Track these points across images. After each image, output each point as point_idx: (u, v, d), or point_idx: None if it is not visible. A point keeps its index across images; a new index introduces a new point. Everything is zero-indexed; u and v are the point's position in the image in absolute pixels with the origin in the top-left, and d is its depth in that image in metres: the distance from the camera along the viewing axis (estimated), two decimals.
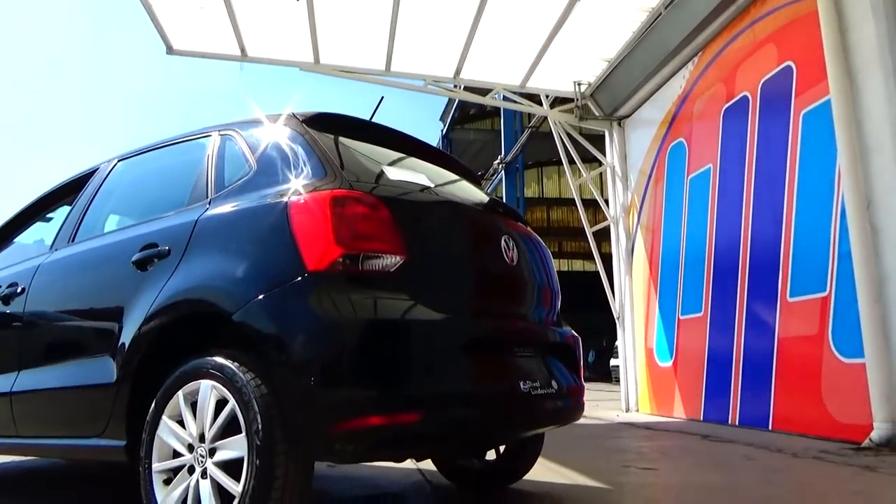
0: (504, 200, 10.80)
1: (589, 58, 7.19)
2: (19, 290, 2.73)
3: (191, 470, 1.86)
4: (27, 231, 3.33)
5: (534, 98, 8.27)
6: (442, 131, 23.36)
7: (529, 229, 2.72)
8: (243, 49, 6.78)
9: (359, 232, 1.89)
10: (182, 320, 2.05)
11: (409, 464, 3.46)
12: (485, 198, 2.77)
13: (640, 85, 7.02)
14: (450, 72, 7.28)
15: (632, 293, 7.44)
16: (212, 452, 1.83)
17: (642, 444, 4.51)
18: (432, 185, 2.38)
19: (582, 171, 8.09)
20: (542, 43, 6.66)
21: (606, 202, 7.87)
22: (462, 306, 2.12)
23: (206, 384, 1.87)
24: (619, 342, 7.70)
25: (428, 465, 3.28)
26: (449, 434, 1.94)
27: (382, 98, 2.92)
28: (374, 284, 1.87)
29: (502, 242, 2.34)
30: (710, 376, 5.76)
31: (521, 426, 2.31)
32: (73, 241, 2.75)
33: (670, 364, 6.48)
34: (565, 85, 7.70)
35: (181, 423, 1.93)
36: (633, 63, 6.89)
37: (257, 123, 2.41)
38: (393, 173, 2.27)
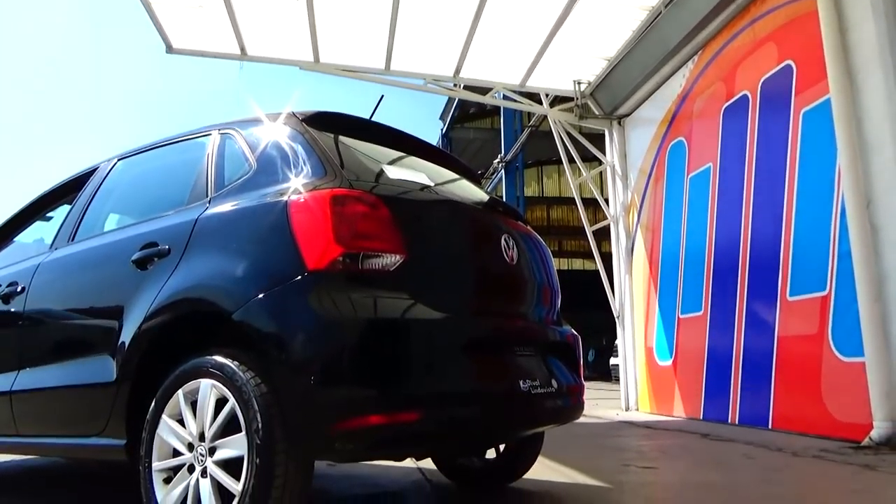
0: (504, 199, 10.80)
1: (589, 56, 7.19)
2: (19, 289, 2.73)
3: (191, 469, 1.86)
4: (27, 230, 3.33)
5: (534, 97, 8.27)
6: (442, 130, 23.35)
7: (529, 228, 2.72)
8: (243, 48, 6.77)
9: (359, 231, 1.89)
10: (182, 319, 2.05)
11: (409, 463, 3.46)
12: (485, 197, 2.77)
13: (640, 84, 7.02)
14: (450, 71, 7.27)
15: (632, 292, 7.44)
16: (212, 451, 1.83)
17: (642, 443, 4.51)
18: (432, 184, 2.38)
19: (582, 170, 8.09)
20: (542, 42, 6.66)
21: (606, 201, 7.88)
22: (462, 305, 2.12)
23: (206, 383, 1.87)
24: (619, 341, 7.70)
25: (428, 464, 3.28)
26: (449, 433, 1.94)
27: (382, 97, 2.92)
28: (374, 283, 1.87)
29: (502, 241, 2.34)
30: (710, 375, 5.76)
31: (521, 425, 2.31)
32: (73, 240, 2.75)
33: (670, 363, 6.49)
34: (565, 84, 7.70)
35: (181, 422, 1.93)
36: (633, 62, 6.88)
37: (257, 122, 2.41)
38: (393, 172, 2.27)
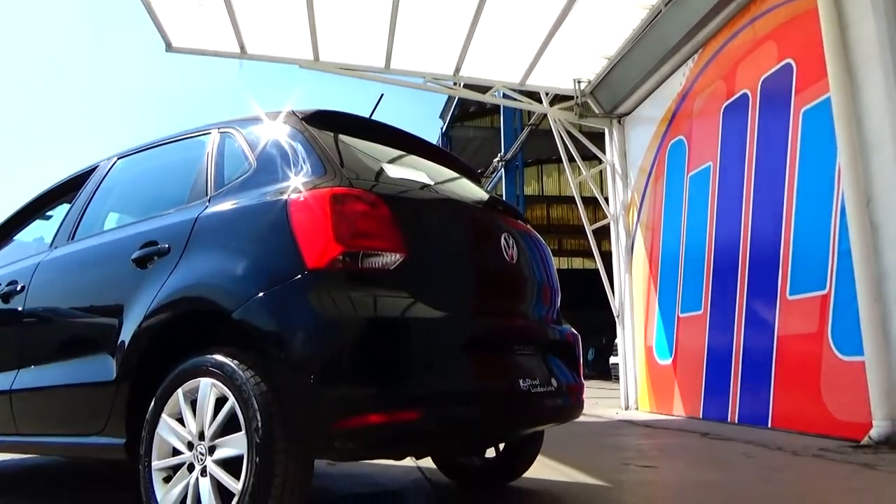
0: (504, 198, 10.79)
1: (589, 55, 7.18)
2: (19, 288, 2.73)
3: (190, 468, 1.86)
4: (27, 229, 3.33)
5: (533, 95, 8.27)
6: (442, 129, 23.33)
7: (529, 227, 2.72)
8: (242, 46, 6.77)
9: (358, 229, 1.89)
10: (182, 318, 2.05)
11: (409, 461, 3.46)
12: (485, 195, 2.76)
13: (640, 82, 7.01)
14: (449, 69, 7.27)
15: (631, 291, 7.44)
16: (211, 450, 1.83)
17: (642, 442, 4.51)
18: (432, 183, 2.37)
19: (582, 169, 8.08)
20: (542, 40, 6.66)
21: (606, 200, 7.87)
22: (462, 304, 2.12)
23: (206, 382, 1.87)
24: (619, 340, 7.71)
25: (428, 463, 3.28)
26: (449, 432, 1.94)
27: (382, 95, 2.91)
28: (374, 282, 1.87)
29: (502, 240, 2.34)
30: (710, 374, 5.76)
31: (521, 424, 2.31)
32: (73, 239, 2.75)
33: (670, 362, 6.49)
34: (565, 82, 7.70)
35: (181, 421, 1.93)
36: (633, 60, 6.88)
37: (257, 121, 2.41)
38: (393, 171, 2.26)
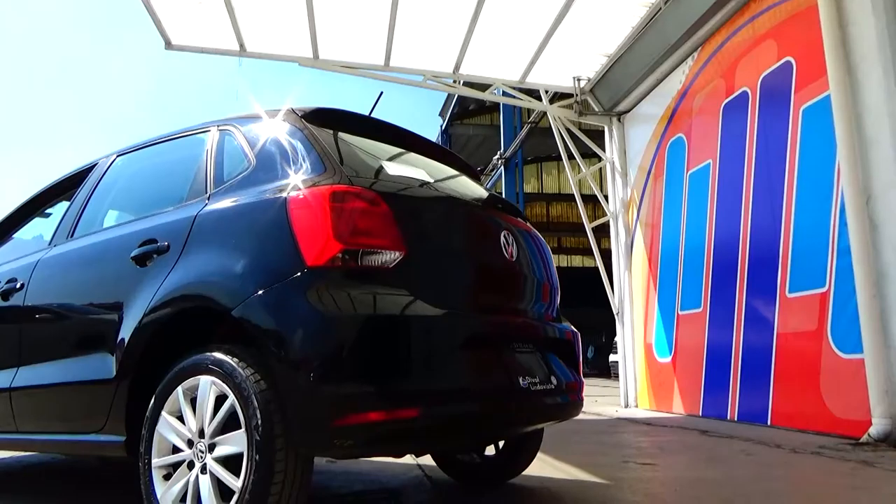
0: (503, 196, 10.77)
1: (588, 53, 7.17)
2: (18, 286, 2.73)
3: (190, 465, 1.87)
4: (26, 226, 3.33)
5: (533, 93, 8.26)
6: (441, 126, 23.29)
7: (529, 225, 2.72)
8: (242, 44, 6.76)
9: (358, 227, 1.89)
10: (181, 316, 2.05)
11: (409, 459, 3.46)
12: (484, 193, 2.76)
13: (640, 80, 7.01)
14: (449, 67, 7.26)
15: (631, 289, 7.45)
16: (211, 448, 1.83)
17: (641, 440, 4.52)
18: (432, 181, 2.37)
19: (581, 167, 8.08)
20: (542, 38, 6.65)
21: (606, 198, 7.87)
22: (461, 302, 2.12)
23: (206, 380, 1.87)
24: (619, 338, 7.71)
25: (427, 461, 3.29)
26: (448, 430, 1.94)
27: (381, 93, 2.90)
28: (374, 280, 1.87)
29: (502, 238, 2.34)
30: (710, 372, 5.76)
31: (520, 422, 2.31)
32: (72, 237, 2.75)
33: (669, 360, 6.49)
34: (565, 80, 7.69)
35: (181, 419, 1.93)
36: (633, 58, 6.87)
37: (256, 119, 2.41)
38: (392, 169, 2.26)
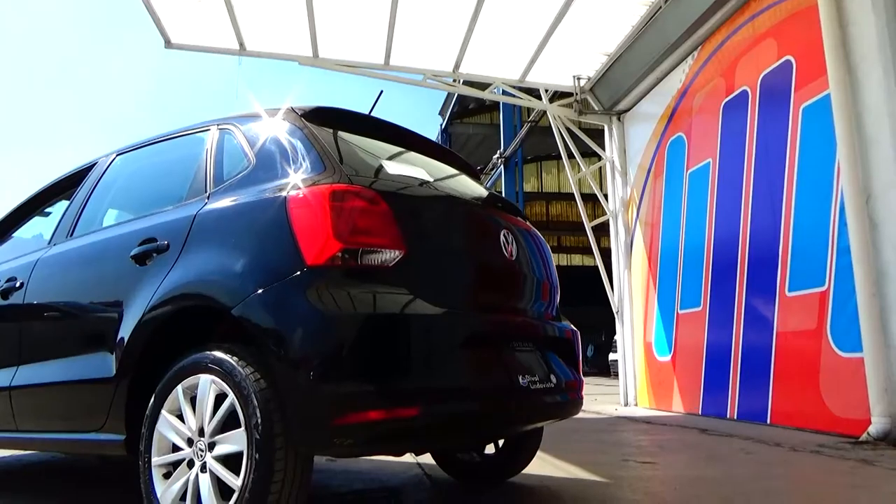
0: (503, 195, 10.79)
1: (588, 52, 7.17)
2: (18, 285, 2.73)
3: (190, 464, 1.87)
4: (26, 226, 3.33)
5: (533, 92, 8.26)
6: (441, 125, 23.29)
7: (529, 224, 2.72)
8: (242, 43, 6.76)
9: (358, 226, 1.89)
10: (181, 314, 2.05)
11: (409, 458, 3.46)
12: (484, 192, 2.76)
13: (640, 79, 7.01)
14: (449, 66, 7.26)
15: (631, 288, 7.45)
16: (211, 446, 1.83)
17: (641, 438, 4.52)
18: (431, 180, 2.37)
19: (581, 166, 8.08)
20: (542, 37, 6.65)
21: (605, 197, 7.87)
22: (461, 301, 2.12)
23: (206, 378, 1.87)
24: (618, 336, 7.71)
25: (427, 459, 3.29)
26: (448, 428, 1.94)
27: (381, 92, 2.90)
28: (373, 279, 1.88)
29: (501, 237, 2.34)
30: (709, 370, 5.77)
31: (520, 420, 2.31)
32: (72, 236, 2.75)
33: (669, 358, 6.50)
34: (564, 79, 7.69)
35: (180, 418, 1.93)
36: (633, 57, 6.87)
37: (256, 118, 2.41)
38: (392, 168, 2.26)
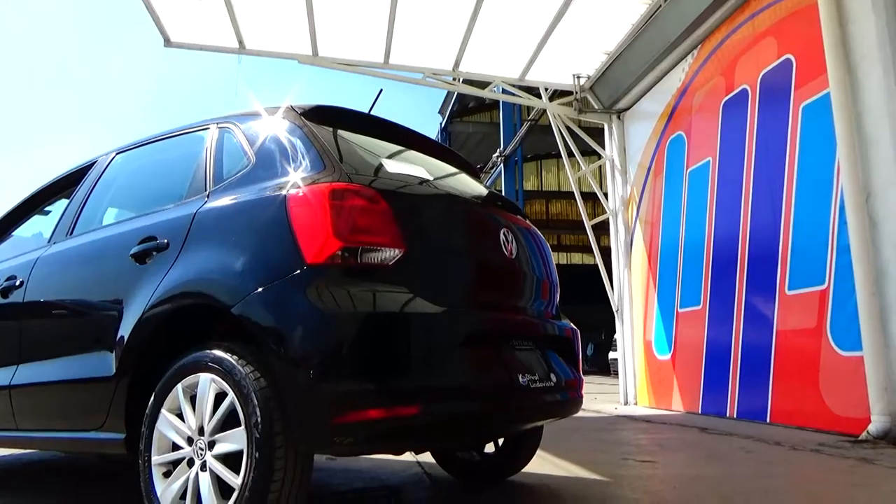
0: (503, 193, 10.79)
1: (588, 50, 7.17)
2: (17, 284, 2.73)
3: (190, 463, 1.87)
4: (25, 224, 3.32)
5: (533, 91, 8.26)
6: (441, 124, 23.29)
7: (528, 222, 2.72)
8: (241, 41, 6.75)
9: (357, 225, 1.89)
10: (181, 313, 2.05)
11: (409, 456, 3.47)
12: (484, 191, 2.76)
13: (640, 78, 7.00)
14: (448, 64, 7.25)
15: (630, 286, 7.45)
16: (211, 445, 1.83)
17: (641, 437, 4.52)
18: (431, 178, 2.37)
19: (581, 165, 8.08)
20: (542, 35, 6.64)
21: (605, 195, 7.87)
22: (461, 299, 2.12)
23: (205, 377, 1.87)
24: (618, 335, 7.72)
25: (427, 458, 3.29)
26: (448, 427, 1.94)
27: (381, 91, 2.90)
28: (373, 277, 1.87)
29: (501, 235, 2.34)
30: (709, 369, 5.77)
31: (520, 419, 2.31)
32: (72, 234, 2.75)
33: (669, 357, 6.50)
34: (564, 78, 7.69)
35: (180, 416, 1.93)
36: (633, 56, 6.87)
37: (256, 116, 2.40)
38: (392, 166, 2.26)
